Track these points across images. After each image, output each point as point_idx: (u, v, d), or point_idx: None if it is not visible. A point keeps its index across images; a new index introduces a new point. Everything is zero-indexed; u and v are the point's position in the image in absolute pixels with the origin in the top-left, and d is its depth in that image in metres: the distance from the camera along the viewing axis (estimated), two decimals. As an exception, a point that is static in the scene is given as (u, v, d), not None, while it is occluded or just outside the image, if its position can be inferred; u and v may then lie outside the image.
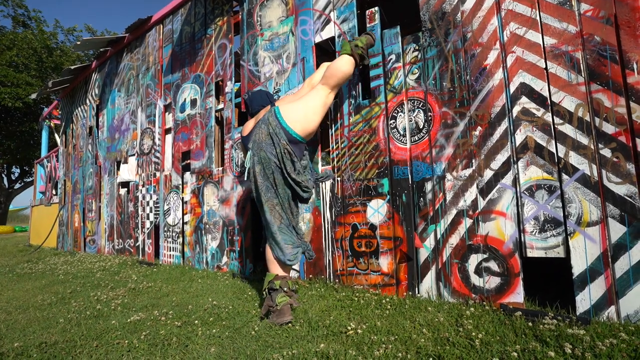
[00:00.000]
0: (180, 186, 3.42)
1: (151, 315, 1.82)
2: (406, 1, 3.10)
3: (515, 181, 1.65)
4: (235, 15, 3.09)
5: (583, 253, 1.47)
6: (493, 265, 1.68)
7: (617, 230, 1.41)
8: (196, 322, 1.68)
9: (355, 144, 2.19)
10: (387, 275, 1.99)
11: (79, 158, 5.33)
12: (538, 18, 1.64)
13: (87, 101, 5.20)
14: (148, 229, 3.79)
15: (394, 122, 2.05)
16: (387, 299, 1.81)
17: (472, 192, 1.76)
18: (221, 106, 3.11)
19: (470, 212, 1.76)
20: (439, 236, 1.85)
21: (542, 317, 1.40)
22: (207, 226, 3.11)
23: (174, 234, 3.45)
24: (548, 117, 1.58)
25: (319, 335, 1.42)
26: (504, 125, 1.69)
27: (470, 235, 1.75)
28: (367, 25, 2.17)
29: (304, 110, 1.92)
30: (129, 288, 2.49)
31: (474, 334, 1.30)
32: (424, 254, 1.89)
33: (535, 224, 1.59)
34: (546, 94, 1.59)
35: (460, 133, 1.81)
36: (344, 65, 1.97)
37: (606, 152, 1.45)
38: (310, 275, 2.34)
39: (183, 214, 3.36)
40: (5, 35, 13.32)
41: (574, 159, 1.52)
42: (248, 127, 2.12)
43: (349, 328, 1.45)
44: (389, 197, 2.02)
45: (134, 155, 4.12)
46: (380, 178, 2.06)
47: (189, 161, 3.40)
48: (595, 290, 1.43)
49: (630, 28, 1.43)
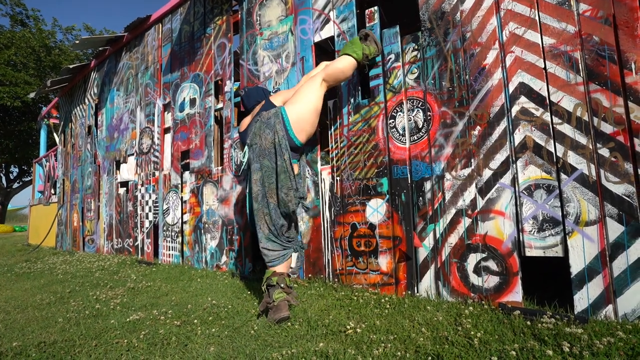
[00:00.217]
0: (180, 185, 3.41)
1: (150, 314, 1.82)
2: (405, 1, 3.10)
3: (514, 181, 1.65)
4: (235, 15, 3.09)
5: (581, 252, 1.47)
6: (492, 265, 1.68)
7: (615, 230, 1.42)
8: (195, 321, 1.68)
9: (354, 144, 2.19)
10: (386, 275, 2.00)
11: (78, 157, 5.32)
12: (537, 18, 1.64)
13: (86, 100, 5.19)
14: (147, 228, 3.79)
15: (393, 122, 2.05)
16: (386, 298, 1.82)
17: (471, 192, 1.77)
18: (220, 105, 3.10)
19: (469, 212, 1.76)
20: (438, 235, 1.85)
21: (540, 316, 1.41)
22: (207, 225, 3.11)
23: (173, 234, 3.45)
24: (547, 116, 1.59)
25: (318, 335, 1.42)
26: (503, 124, 1.70)
27: (469, 234, 1.75)
28: (367, 25, 2.17)
29: (311, 118, 1.93)
30: (128, 287, 2.49)
31: (472, 332, 1.30)
32: (423, 253, 1.90)
33: (534, 223, 1.59)
34: (545, 93, 1.60)
35: (460, 133, 1.82)
36: (348, 70, 2.00)
37: (604, 152, 1.46)
38: (310, 275, 2.34)
39: (182, 214, 3.36)
40: (4, 34, 13.28)
41: (573, 158, 1.52)
42: (245, 122, 2.12)
43: (348, 327, 1.45)
44: (388, 196, 2.03)
45: (133, 154, 4.11)
46: (379, 177, 2.07)
47: (188, 160, 3.40)
48: (593, 289, 1.44)
49: (629, 28, 1.43)
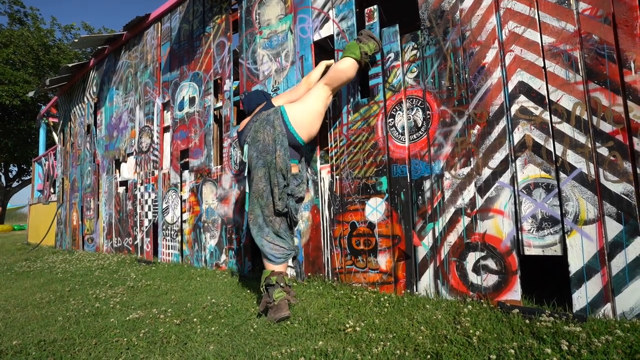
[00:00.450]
0: (179, 184, 3.41)
1: (150, 313, 1.82)
2: (405, -1, 3.09)
3: (513, 179, 1.66)
4: (234, 13, 3.08)
5: (580, 251, 1.48)
6: (491, 263, 1.69)
7: (613, 229, 1.42)
8: (195, 320, 1.68)
9: (353, 142, 2.19)
10: (386, 274, 2.00)
11: (77, 156, 5.32)
12: (536, 17, 1.64)
13: (85, 99, 5.18)
14: (146, 227, 3.79)
15: (392, 121, 2.05)
16: (386, 297, 1.82)
17: (470, 191, 1.77)
18: (220, 104, 3.10)
19: (469, 211, 1.76)
20: (437, 234, 1.85)
21: (539, 314, 1.41)
22: (206, 224, 3.11)
23: (172, 233, 3.45)
24: (546, 115, 1.59)
25: (318, 333, 1.43)
26: (502, 123, 1.70)
27: (468, 233, 1.75)
28: (366, 24, 2.17)
29: (311, 117, 1.95)
30: (128, 286, 2.49)
31: (471, 331, 1.31)
32: (422, 252, 1.90)
33: (533, 222, 1.60)
34: (544, 92, 1.60)
35: (459, 131, 1.82)
36: (349, 70, 1.98)
37: (603, 151, 1.46)
38: (309, 274, 2.34)
39: (182, 212, 3.36)
40: (2, 33, 13.24)
41: (572, 157, 1.52)
42: (244, 123, 2.13)
43: (348, 326, 1.45)
44: (387, 195, 2.03)
45: (132, 154, 4.11)
46: (378, 176, 2.07)
47: (187, 159, 3.39)
48: (592, 287, 1.44)
49: (628, 27, 1.44)
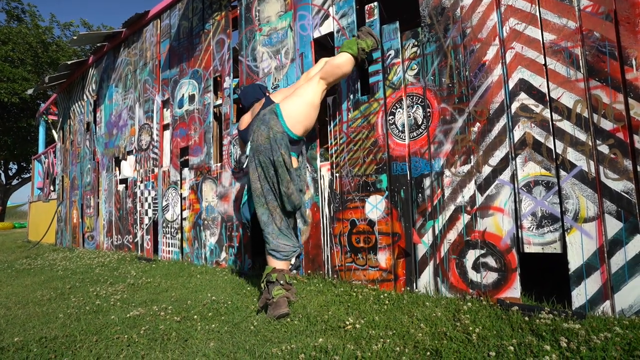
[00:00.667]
0: (179, 182, 3.41)
1: (150, 310, 1.83)
2: (405, -4, 3.08)
3: (513, 177, 1.65)
4: (234, 10, 3.07)
5: (579, 249, 1.48)
6: (490, 261, 1.69)
7: (613, 226, 1.43)
8: (195, 317, 1.68)
9: (353, 140, 2.19)
10: (385, 271, 2.00)
11: (77, 154, 5.31)
12: (538, 14, 1.63)
13: (85, 97, 5.17)
14: (146, 225, 3.79)
15: (392, 118, 2.05)
16: (385, 294, 1.82)
17: (470, 188, 1.77)
18: (219, 102, 3.09)
19: (468, 208, 1.76)
20: (437, 232, 1.86)
21: (538, 311, 1.42)
22: (206, 222, 3.11)
23: (172, 230, 3.45)
24: (547, 113, 1.59)
25: (318, 330, 1.43)
26: (503, 121, 1.69)
27: (468, 231, 1.76)
28: (366, 21, 2.16)
29: (306, 110, 1.93)
30: (128, 284, 2.49)
31: (471, 328, 1.31)
32: (422, 250, 1.90)
33: (533, 220, 1.60)
34: (545, 90, 1.60)
35: (459, 129, 1.82)
36: (345, 65, 1.97)
37: (604, 149, 1.46)
38: (309, 271, 2.35)
39: (181, 210, 3.36)
40: (0, 30, 13.19)
41: (572, 155, 1.52)
42: (245, 121, 2.12)
43: (347, 323, 1.46)
44: (387, 193, 2.03)
45: (132, 151, 4.11)
46: (378, 174, 2.07)
47: (187, 157, 3.39)
48: (591, 285, 1.45)
49: (630, 24, 1.43)
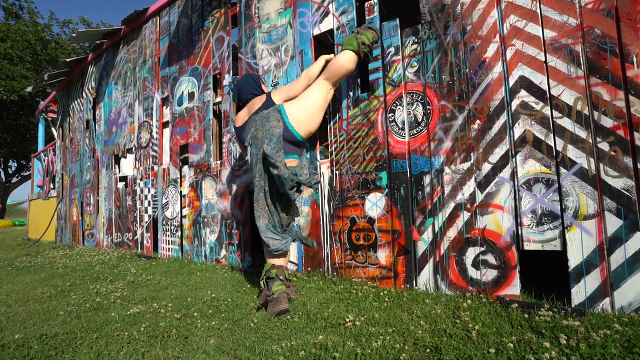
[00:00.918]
0: (179, 180, 3.41)
1: (150, 307, 1.83)
2: (406, -7, 3.06)
3: (513, 175, 1.65)
4: (233, 7, 3.06)
5: (579, 246, 1.48)
6: (490, 258, 1.69)
7: (613, 224, 1.43)
8: (195, 314, 1.69)
9: (353, 137, 2.19)
10: (385, 268, 2.01)
11: (76, 152, 5.31)
12: (538, 10, 1.62)
13: (84, 94, 5.15)
14: (146, 222, 3.79)
15: (392, 116, 2.04)
16: (385, 292, 1.83)
17: (470, 186, 1.77)
18: (219, 99, 3.09)
19: (468, 206, 1.76)
20: (436, 229, 1.86)
21: (538, 309, 1.42)
22: (206, 219, 3.11)
23: (172, 228, 3.45)
24: (547, 110, 1.58)
25: (318, 327, 1.43)
26: (503, 118, 1.69)
27: (468, 228, 1.76)
28: (366, 18, 2.15)
29: (310, 113, 1.93)
30: (128, 281, 2.50)
31: (470, 325, 1.31)
32: (421, 247, 1.90)
33: (533, 217, 1.60)
34: (545, 87, 1.59)
35: (459, 126, 1.81)
36: (348, 62, 1.95)
37: (604, 146, 1.46)
38: (309, 268, 2.35)
39: (181, 208, 3.36)
40: (-2, 27, 13.16)
41: (572, 152, 1.52)
42: (241, 117, 2.10)
43: (347, 320, 1.46)
44: (387, 190, 2.03)
45: (131, 149, 4.10)
46: (378, 171, 2.06)
47: (187, 155, 3.39)
48: (591, 282, 1.45)
49: (631, 21, 1.42)
